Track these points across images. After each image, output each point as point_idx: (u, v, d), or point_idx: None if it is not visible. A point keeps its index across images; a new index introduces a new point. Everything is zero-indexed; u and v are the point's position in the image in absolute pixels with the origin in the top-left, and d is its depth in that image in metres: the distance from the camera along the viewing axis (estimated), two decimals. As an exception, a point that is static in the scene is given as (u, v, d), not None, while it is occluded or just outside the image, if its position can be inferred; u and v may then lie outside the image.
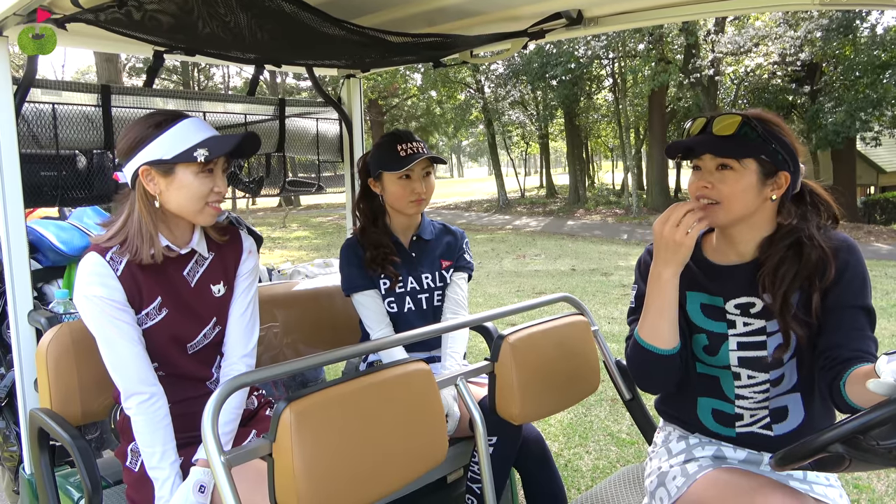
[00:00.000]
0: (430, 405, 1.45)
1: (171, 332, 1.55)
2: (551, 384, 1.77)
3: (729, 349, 1.44)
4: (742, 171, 1.35)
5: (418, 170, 2.02)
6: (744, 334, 1.43)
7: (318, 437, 1.20)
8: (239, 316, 1.66)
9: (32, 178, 1.93)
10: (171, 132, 1.45)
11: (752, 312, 1.42)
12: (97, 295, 1.46)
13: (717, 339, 1.45)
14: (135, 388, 1.48)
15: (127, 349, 1.47)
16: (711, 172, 1.37)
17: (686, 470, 1.46)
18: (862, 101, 16.42)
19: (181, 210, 1.50)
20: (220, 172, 1.53)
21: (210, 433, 1.13)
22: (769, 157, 1.34)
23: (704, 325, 1.47)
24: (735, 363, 1.44)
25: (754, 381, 1.44)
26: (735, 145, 1.34)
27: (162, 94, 2.30)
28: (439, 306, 2.14)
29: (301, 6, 1.51)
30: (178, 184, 1.46)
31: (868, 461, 1.03)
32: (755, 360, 1.42)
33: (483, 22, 2.03)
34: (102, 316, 1.46)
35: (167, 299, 1.55)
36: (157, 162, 1.45)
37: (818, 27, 16.30)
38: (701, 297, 1.48)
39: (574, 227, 18.20)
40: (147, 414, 1.47)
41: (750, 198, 1.36)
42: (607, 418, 3.87)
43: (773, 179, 1.36)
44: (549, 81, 21.88)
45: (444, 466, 1.95)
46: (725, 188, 1.36)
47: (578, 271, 10.12)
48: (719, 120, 1.37)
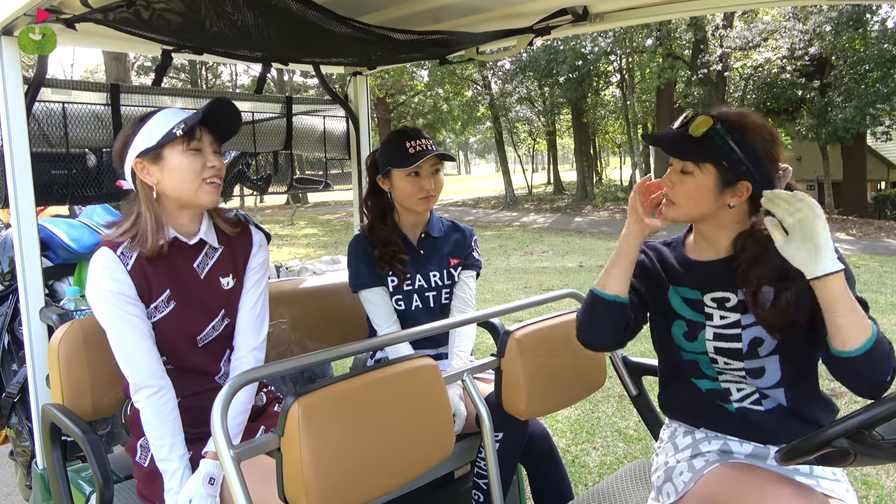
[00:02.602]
0: (437, 401, 1.46)
1: (179, 324, 1.57)
2: (557, 380, 1.78)
3: (705, 338, 1.47)
4: (700, 177, 1.38)
5: (427, 167, 2.02)
6: (720, 326, 1.45)
7: (326, 432, 1.22)
8: (249, 309, 1.67)
9: (43, 177, 1.94)
10: (151, 122, 1.51)
11: (727, 306, 1.45)
12: (108, 289, 1.48)
13: (694, 326, 1.49)
14: (144, 382, 1.50)
15: (137, 343, 1.50)
16: (676, 172, 1.43)
17: (693, 465, 1.47)
18: (872, 95, 16.29)
19: (180, 193, 1.52)
20: (210, 148, 1.55)
21: (220, 427, 1.15)
22: (731, 165, 1.35)
23: (684, 314, 1.51)
24: (711, 351, 1.47)
25: (729, 367, 1.47)
26: (696, 148, 1.37)
27: (170, 92, 2.31)
28: (447, 304, 2.14)
29: (308, 4, 1.52)
30: (170, 167, 1.50)
31: (873, 456, 1.03)
32: (730, 350, 1.45)
33: (489, 19, 2.03)
34: (113, 310, 1.49)
35: (175, 292, 1.57)
36: (145, 151, 1.50)
37: (827, 21, 16.17)
38: (682, 291, 1.52)
39: (582, 223, 18.16)
40: (156, 406, 1.50)
41: (705, 203, 1.39)
42: (614, 414, 3.88)
43: (734, 188, 1.38)
44: (556, 78, 21.82)
45: (451, 462, 1.96)
46: (682, 191, 1.41)
47: (586, 268, 10.10)
48: (697, 120, 1.38)
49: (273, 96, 2.64)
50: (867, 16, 16.33)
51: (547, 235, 15.48)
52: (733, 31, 17.28)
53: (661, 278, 1.55)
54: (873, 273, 9.00)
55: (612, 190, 26.94)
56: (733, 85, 19.19)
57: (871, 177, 21.04)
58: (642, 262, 1.58)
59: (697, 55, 17.57)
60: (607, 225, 17.37)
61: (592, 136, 28.61)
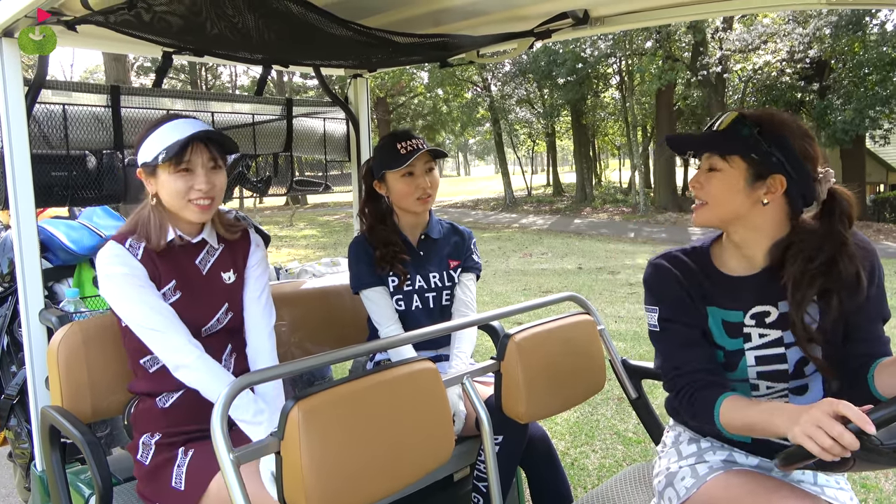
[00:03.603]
0: (436, 404, 1.46)
1: (184, 314, 1.58)
2: (557, 383, 1.78)
3: (747, 365, 1.38)
4: (728, 172, 1.33)
5: (420, 165, 2.03)
6: (760, 346, 1.37)
7: (326, 435, 1.22)
8: (255, 299, 1.73)
9: (43, 179, 1.94)
10: (154, 135, 1.55)
11: (767, 322, 1.37)
12: (121, 273, 1.52)
13: (733, 356, 1.39)
14: (184, 346, 1.51)
15: (162, 317, 1.51)
16: (703, 172, 1.38)
17: (696, 471, 1.44)
18: (871, 98, 16.32)
19: (171, 207, 1.58)
20: (202, 171, 1.56)
21: (219, 431, 1.15)
22: (760, 157, 1.29)
23: (723, 343, 1.41)
24: (753, 377, 1.40)
25: (772, 391, 1.40)
26: (722, 140, 1.33)
27: (171, 94, 2.32)
28: (447, 305, 2.15)
29: (308, 7, 1.52)
30: (161, 183, 1.56)
31: (873, 461, 1.03)
32: (774, 373, 1.37)
33: (489, 22, 2.03)
34: (131, 291, 1.51)
35: (181, 283, 1.61)
36: (144, 164, 1.57)
37: (827, 24, 16.20)
38: (721, 313, 1.41)
39: (581, 225, 18.17)
40: (207, 365, 1.51)
41: (737, 199, 1.32)
42: (613, 417, 3.87)
43: (765, 182, 1.31)
44: (555, 80, 21.84)
45: (450, 465, 1.95)
46: (712, 188, 1.35)
47: (585, 270, 10.11)
48: (724, 116, 1.36)
49: (273, 98, 2.64)
50: (866, 19, 16.36)
51: (546, 237, 15.49)
52: (733, 33, 17.30)
53: (697, 299, 1.41)
54: (872, 276, 9.00)
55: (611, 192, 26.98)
56: (732, 87, 19.20)
57: (870, 179, 21.06)
58: (676, 291, 1.41)
59: (697, 57, 17.59)
60: (606, 227, 17.38)
61: (592, 137, 28.64)
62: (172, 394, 1.60)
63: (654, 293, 1.46)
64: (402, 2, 1.85)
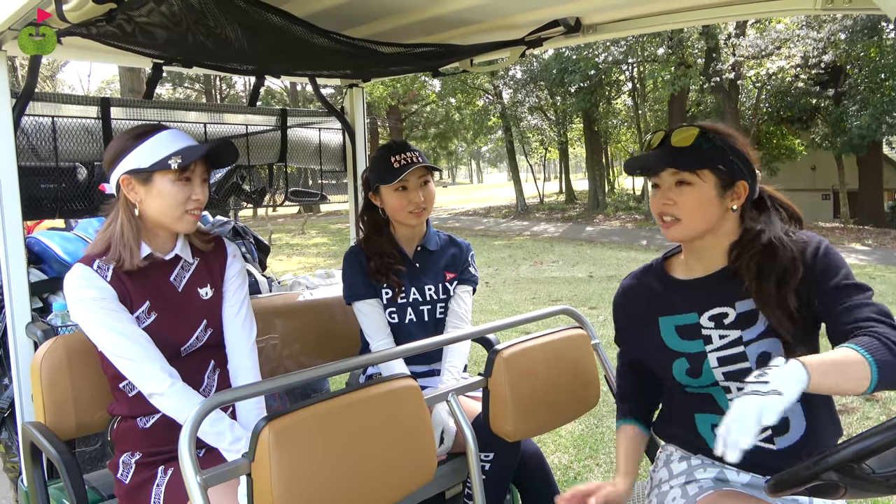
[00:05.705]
0: (418, 423, 1.42)
1: (161, 335, 1.55)
2: (547, 400, 1.73)
3: (711, 367, 1.40)
4: (700, 185, 1.36)
5: (414, 179, 2.00)
6: (721, 348, 1.39)
7: (298, 457, 1.18)
8: (234, 316, 1.68)
9: (32, 191, 1.94)
10: (148, 142, 1.50)
11: (726, 323, 1.40)
12: (91, 297, 1.47)
13: (695, 359, 1.42)
14: (157, 375, 1.47)
15: (134, 342, 1.47)
16: (671, 188, 1.38)
17: (686, 491, 1.42)
18: (888, 104, 16.10)
19: (161, 217, 1.54)
20: (199, 181, 1.55)
21: (187, 453, 1.11)
22: (726, 168, 1.35)
23: (681, 348, 1.44)
24: (721, 378, 1.40)
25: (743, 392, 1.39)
26: (693, 157, 1.35)
27: (162, 105, 2.31)
28: (441, 318, 2.11)
29: (290, 19, 1.50)
30: (157, 192, 1.51)
31: (864, 489, 0.98)
32: (739, 371, 1.38)
33: (480, 31, 2.01)
34: (101, 313, 1.46)
35: (155, 303, 1.56)
36: (135, 171, 1.50)
37: (842, 28, 16.01)
38: (674, 319, 1.46)
39: (593, 233, 18.06)
40: (181, 392, 1.47)
41: (711, 210, 1.37)
42: (619, 430, 3.81)
43: (732, 190, 1.37)
44: (567, 87, 21.78)
45: (441, 482, 1.91)
46: (686, 203, 1.37)
47: (596, 278, 10.02)
48: (678, 132, 1.38)
49: (267, 108, 2.63)
50: (882, 24, 16.15)
51: (558, 245, 15.40)
52: (746, 39, 17.16)
53: (647, 317, 1.50)
54: (889, 284, 8.85)
55: (624, 199, 26.78)
56: (746, 93, 19.04)
57: (887, 186, 20.75)
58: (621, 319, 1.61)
59: (710, 63, 17.47)
60: (619, 234, 17.26)
61: (604, 144, 28.49)
62: (153, 416, 1.57)
63: (615, 312, 1.65)
64: (391, 11, 1.84)
